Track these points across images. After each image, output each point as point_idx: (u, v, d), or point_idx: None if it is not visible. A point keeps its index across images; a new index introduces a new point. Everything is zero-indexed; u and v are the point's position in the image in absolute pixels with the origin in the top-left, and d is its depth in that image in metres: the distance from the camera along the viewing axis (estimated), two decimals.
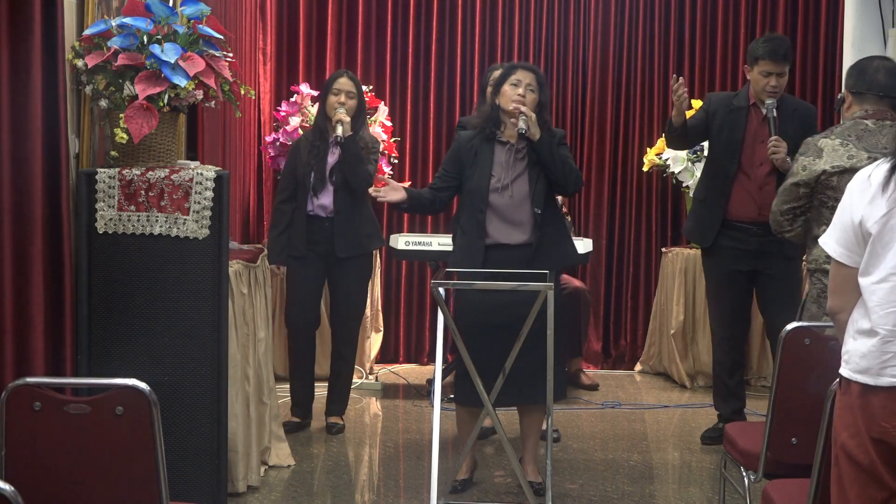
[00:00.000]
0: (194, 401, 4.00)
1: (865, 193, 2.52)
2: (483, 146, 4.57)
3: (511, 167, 4.53)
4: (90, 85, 3.96)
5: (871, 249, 2.51)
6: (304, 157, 5.42)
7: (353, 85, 5.45)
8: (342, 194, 5.37)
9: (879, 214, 2.48)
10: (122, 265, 3.95)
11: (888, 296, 2.48)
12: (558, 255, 4.58)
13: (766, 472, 3.46)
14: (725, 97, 5.39)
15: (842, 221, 2.58)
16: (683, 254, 6.74)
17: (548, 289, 4.08)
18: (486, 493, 4.65)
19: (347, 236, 5.39)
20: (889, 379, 2.46)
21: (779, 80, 5.09)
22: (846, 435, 2.53)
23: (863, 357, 2.51)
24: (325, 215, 5.40)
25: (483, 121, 4.62)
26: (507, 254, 4.49)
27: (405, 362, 7.28)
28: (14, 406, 2.70)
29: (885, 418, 2.46)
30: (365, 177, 5.35)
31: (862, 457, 2.49)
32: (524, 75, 4.54)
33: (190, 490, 3.90)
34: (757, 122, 5.17)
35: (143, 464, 2.71)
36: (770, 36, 5.34)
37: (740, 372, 5.41)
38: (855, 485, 2.51)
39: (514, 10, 7.27)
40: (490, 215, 4.51)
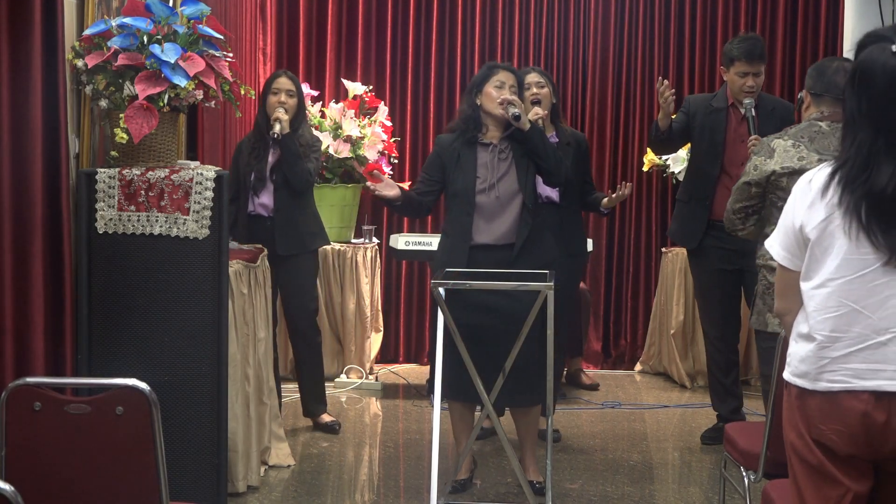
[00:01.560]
0: (194, 401, 4.00)
1: (805, 198, 2.51)
2: (465, 149, 4.56)
3: (495, 167, 4.53)
4: (90, 85, 3.96)
5: (810, 254, 2.50)
6: (246, 157, 5.40)
7: (292, 84, 5.43)
8: (282, 193, 5.35)
9: (818, 220, 2.47)
10: (122, 265, 3.95)
11: (825, 301, 2.47)
12: (538, 253, 4.54)
13: (766, 472, 3.45)
14: (703, 98, 5.42)
15: (784, 225, 2.58)
16: (683, 254, 6.73)
17: (548, 289, 4.08)
18: (486, 493, 4.65)
19: (288, 235, 5.36)
20: (826, 384, 2.47)
21: (755, 79, 5.12)
22: (793, 435, 2.54)
23: (801, 361, 2.52)
24: (266, 214, 5.37)
25: (463, 123, 4.61)
26: (489, 255, 4.48)
27: (405, 362, 7.28)
28: (14, 406, 2.70)
29: (821, 420, 2.47)
30: (304, 174, 5.32)
31: (810, 456, 2.51)
32: (507, 76, 4.55)
33: (190, 490, 3.90)
34: (736, 121, 5.20)
35: (143, 464, 2.71)
36: (745, 36, 5.34)
37: (736, 371, 5.42)
38: (809, 484, 2.52)
39: (514, 10, 7.27)
40: (476, 217, 4.50)
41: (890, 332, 2.43)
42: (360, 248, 6.63)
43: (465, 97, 4.69)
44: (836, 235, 2.45)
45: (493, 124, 4.56)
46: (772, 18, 7.23)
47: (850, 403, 2.44)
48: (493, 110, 4.51)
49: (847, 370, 2.45)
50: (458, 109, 4.79)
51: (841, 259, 2.45)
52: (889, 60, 2.41)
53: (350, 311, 6.60)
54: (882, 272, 2.42)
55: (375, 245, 6.82)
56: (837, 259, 2.45)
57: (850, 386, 2.44)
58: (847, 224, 2.43)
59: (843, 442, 2.45)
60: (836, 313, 2.46)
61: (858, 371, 2.44)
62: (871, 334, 2.44)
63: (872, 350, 2.43)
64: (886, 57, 2.42)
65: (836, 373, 2.46)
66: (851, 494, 2.47)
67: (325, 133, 6.47)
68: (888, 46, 2.43)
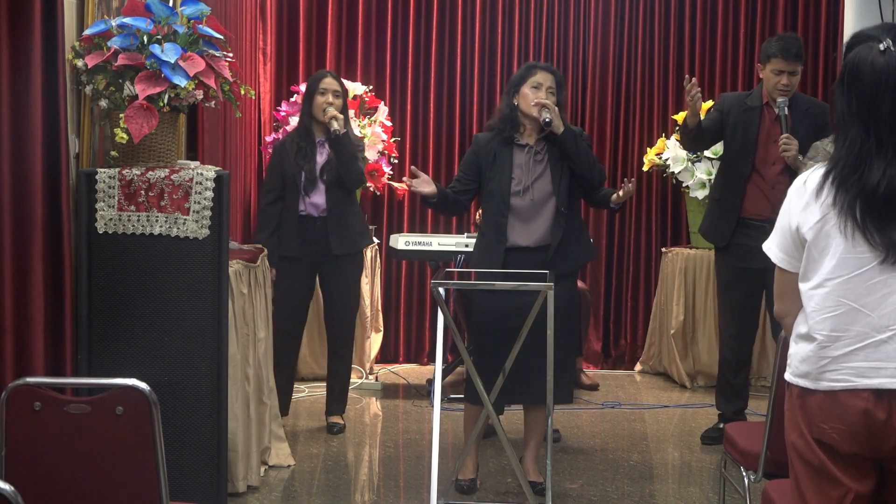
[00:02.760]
0: (194, 401, 4.00)
1: (801, 199, 2.52)
2: (501, 149, 4.57)
3: (531, 169, 4.53)
4: (90, 85, 3.96)
5: (807, 255, 2.51)
6: (292, 157, 5.40)
7: (338, 84, 5.45)
8: (334, 192, 5.37)
9: (814, 220, 2.48)
10: (122, 265, 3.94)
11: (824, 301, 2.48)
12: (574, 255, 4.59)
13: (766, 472, 3.46)
14: (738, 97, 5.40)
15: (781, 227, 2.59)
16: (683, 254, 6.74)
17: (547, 289, 4.08)
18: (487, 493, 4.64)
19: (341, 234, 5.38)
20: (827, 384, 2.47)
21: (790, 78, 5.10)
22: (795, 435, 2.55)
23: (802, 361, 2.52)
24: (317, 214, 5.39)
25: (501, 123, 4.61)
26: (525, 257, 4.50)
27: (405, 362, 7.28)
28: (14, 406, 2.70)
29: (822, 419, 2.47)
30: (359, 174, 5.39)
31: (811, 457, 2.51)
32: (545, 77, 4.55)
33: (190, 490, 3.90)
34: (770, 121, 5.18)
35: (143, 464, 2.71)
36: (783, 35, 5.35)
37: (746, 371, 5.40)
38: (810, 484, 2.53)
39: (514, 10, 7.27)
40: (511, 218, 4.52)
41: (890, 330, 2.43)
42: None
43: (504, 96, 4.69)
44: (832, 235, 2.46)
45: (531, 125, 4.56)
46: (772, 18, 7.23)
47: (851, 401, 2.44)
48: (529, 111, 4.51)
49: (848, 369, 2.45)
50: (496, 108, 4.79)
51: (838, 258, 2.46)
52: (876, 59, 2.42)
53: None
54: (879, 270, 2.43)
55: (375, 245, 6.82)
56: (834, 259, 2.46)
57: (852, 385, 2.44)
58: (842, 224, 2.44)
59: (845, 440, 2.45)
60: (836, 312, 2.46)
61: (859, 369, 2.44)
62: (871, 332, 2.44)
63: (873, 348, 2.44)
64: (874, 56, 2.43)
65: (837, 372, 2.46)
66: (853, 494, 2.47)
67: None
68: (875, 45, 2.44)
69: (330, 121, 5.27)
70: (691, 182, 6.57)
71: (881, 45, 2.43)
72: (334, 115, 5.27)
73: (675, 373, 6.78)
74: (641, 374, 7.14)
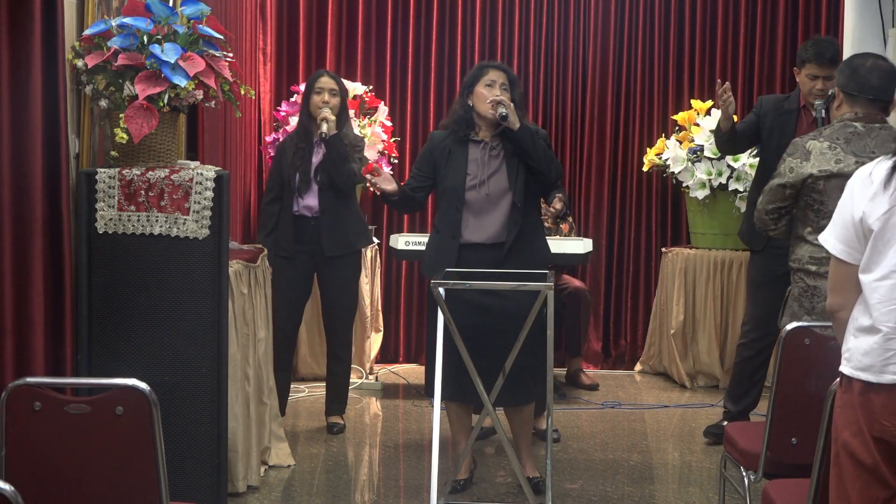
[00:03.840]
0: (194, 401, 4.00)
1: (867, 190, 2.52)
2: (456, 147, 4.56)
3: (486, 164, 4.52)
4: (90, 85, 3.96)
5: (872, 246, 2.51)
6: (290, 157, 5.40)
7: (335, 83, 5.44)
8: (327, 194, 5.36)
9: (881, 211, 2.49)
10: (122, 265, 3.94)
11: (890, 293, 2.48)
12: (528, 253, 4.52)
13: (766, 472, 3.46)
14: (776, 100, 5.40)
15: (842, 218, 2.58)
16: (683, 254, 6.74)
17: (548, 289, 4.08)
18: (486, 493, 4.65)
19: (334, 235, 5.37)
20: (891, 376, 2.46)
21: (826, 83, 5.08)
22: (848, 433, 2.52)
23: (865, 354, 2.51)
24: (310, 215, 5.38)
25: (455, 123, 4.60)
26: (479, 253, 4.48)
27: (405, 362, 7.28)
28: (14, 406, 2.70)
29: (885, 417, 2.46)
30: (350, 175, 5.35)
31: (865, 455, 2.49)
32: (497, 75, 4.54)
33: (190, 490, 3.90)
34: (807, 124, 5.16)
35: (143, 464, 2.71)
36: (817, 39, 5.34)
37: (763, 371, 5.40)
38: (857, 484, 2.50)
39: (514, 10, 7.27)
40: (466, 214, 4.50)
41: None
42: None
43: (458, 98, 4.70)
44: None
45: (485, 124, 4.55)
46: (772, 19, 7.22)
47: None
48: (485, 111, 4.51)
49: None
50: (450, 109, 4.79)
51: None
52: None
53: None
54: None
55: (375, 245, 6.82)
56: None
57: None
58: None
59: None
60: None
61: None
62: None
63: None
64: None
65: None
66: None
67: None
68: None
69: (321, 122, 5.26)
70: (691, 182, 6.57)
71: None
72: (325, 117, 5.25)
73: (675, 373, 6.78)
74: (641, 374, 7.14)
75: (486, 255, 4.47)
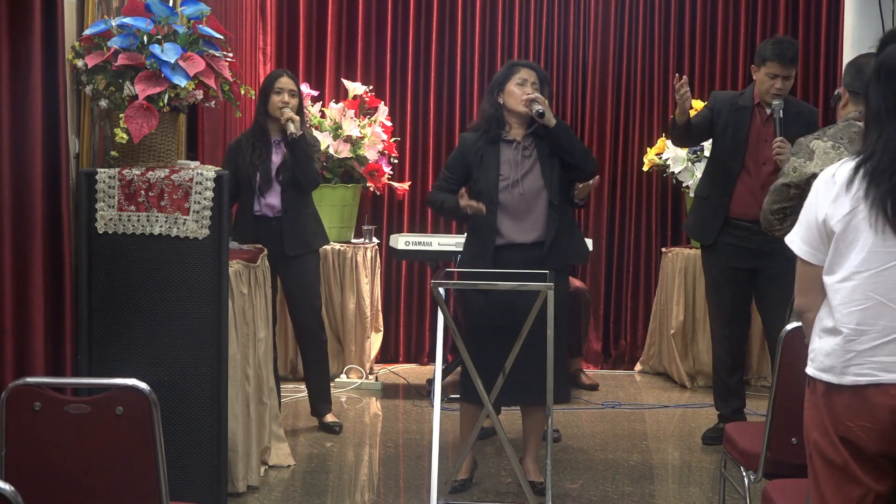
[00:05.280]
0: (194, 401, 4.00)
1: (830, 192, 2.53)
2: (488, 148, 4.55)
3: (519, 164, 4.52)
4: (90, 85, 3.96)
5: (834, 248, 2.51)
6: (247, 157, 5.34)
7: (294, 84, 5.40)
8: (289, 193, 5.32)
9: (843, 213, 2.49)
10: (122, 265, 3.95)
11: (851, 294, 2.48)
12: (568, 251, 4.58)
13: (766, 472, 3.45)
14: (730, 96, 5.41)
15: (807, 219, 2.59)
16: (683, 254, 6.74)
17: (547, 289, 4.08)
18: (486, 493, 4.64)
19: (296, 235, 5.35)
20: (852, 378, 2.47)
21: (784, 83, 5.11)
22: (817, 434, 2.53)
23: (827, 356, 2.51)
24: (272, 215, 5.34)
25: (486, 122, 4.60)
26: (518, 253, 4.48)
27: (405, 362, 7.28)
28: (14, 406, 2.70)
29: (849, 417, 2.47)
30: (315, 175, 5.34)
31: (834, 455, 2.50)
32: (528, 74, 4.55)
33: (190, 490, 3.90)
34: (761, 121, 5.19)
35: (143, 464, 2.71)
36: (779, 38, 5.35)
37: (741, 371, 5.42)
38: (831, 483, 2.51)
39: (514, 10, 7.27)
40: (501, 215, 4.50)
41: None
42: (360, 248, 6.63)
43: (487, 96, 4.67)
44: (861, 228, 2.46)
45: (517, 122, 4.55)
46: (772, 19, 7.22)
47: (879, 399, 2.43)
48: (517, 107, 4.51)
49: (874, 363, 2.45)
50: (479, 109, 4.77)
51: (867, 252, 2.46)
52: None
53: (350, 311, 6.60)
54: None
55: (375, 245, 6.82)
56: (863, 252, 2.46)
57: (878, 379, 2.44)
58: (873, 217, 2.44)
59: (872, 439, 2.44)
60: (863, 306, 2.47)
61: (885, 364, 2.44)
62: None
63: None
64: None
65: (862, 366, 2.46)
66: (873, 495, 2.47)
67: (326, 133, 6.47)
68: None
69: (286, 122, 5.21)
70: (691, 182, 6.57)
71: None
72: (290, 118, 5.21)
73: (675, 373, 6.78)
74: (641, 374, 7.14)
75: (525, 255, 4.47)
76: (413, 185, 7.20)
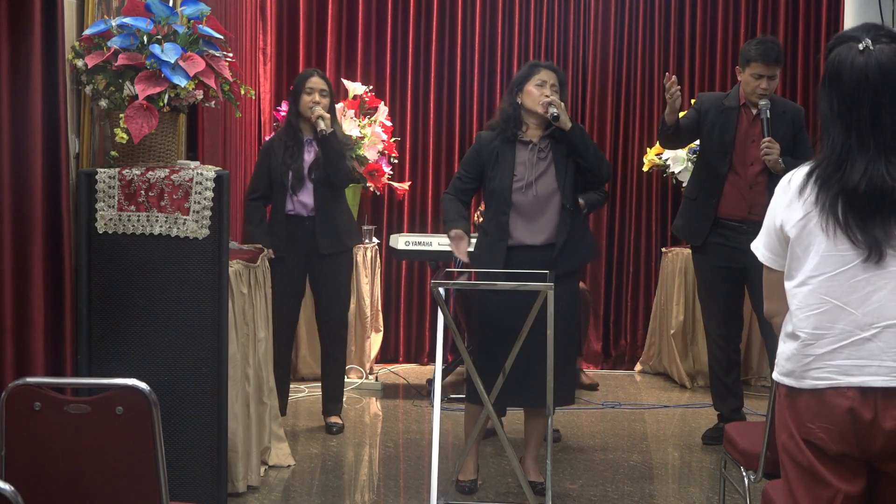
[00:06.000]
0: (194, 401, 4.00)
1: (785, 197, 2.53)
2: (504, 147, 4.54)
3: (534, 166, 4.51)
4: (90, 85, 3.96)
5: (791, 253, 2.52)
6: (280, 157, 5.40)
7: (325, 84, 5.45)
8: (322, 191, 5.36)
9: (797, 218, 2.49)
10: (122, 265, 3.94)
11: (807, 299, 2.48)
12: (580, 253, 4.59)
13: (766, 472, 3.45)
14: (716, 97, 5.43)
15: (767, 226, 2.60)
16: (683, 254, 6.74)
17: (548, 289, 4.07)
18: (486, 493, 4.64)
19: (329, 233, 5.38)
20: (811, 381, 2.47)
21: (769, 82, 5.14)
22: (785, 436, 2.55)
23: (787, 360, 2.52)
24: (305, 213, 5.39)
25: (504, 122, 4.60)
26: (529, 255, 4.48)
27: (405, 362, 7.28)
28: (14, 406, 2.70)
29: (809, 419, 2.47)
30: (347, 172, 5.39)
31: (800, 457, 2.50)
32: (548, 75, 4.55)
33: (190, 490, 3.90)
34: (747, 122, 5.21)
35: (143, 464, 2.71)
36: (762, 38, 5.37)
37: (737, 370, 5.42)
38: (800, 485, 2.52)
39: (514, 9, 7.27)
40: (514, 216, 4.49)
41: (874, 328, 2.42)
42: (360, 248, 6.63)
43: (506, 95, 4.68)
44: (814, 233, 2.47)
45: (534, 123, 4.55)
46: (772, 19, 7.23)
47: (837, 401, 2.43)
48: (535, 108, 4.50)
49: (832, 367, 2.45)
50: (498, 108, 4.78)
51: (821, 256, 2.46)
52: (856, 59, 2.44)
53: (350, 311, 6.59)
54: (862, 268, 2.43)
55: (375, 245, 6.82)
56: (817, 257, 2.47)
57: (836, 383, 2.44)
58: (825, 222, 2.45)
59: (832, 440, 2.45)
60: (819, 310, 2.47)
61: (843, 367, 2.44)
62: (855, 330, 2.44)
63: (857, 346, 2.44)
64: (853, 55, 2.45)
65: (821, 370, 2.46)
66: (842, 495, 2.46)
67: None
68: (854, 45, 2.46)
69: (317, 120, 5.27)
70: None
71: (860, 45, 2.45)
72: (321, 115, 5.27)
73: (675, 373, 6.78)
74: (641, 374, 7.14)
75: (536, 257, 4.47)
76: (413, 185, 7.20)
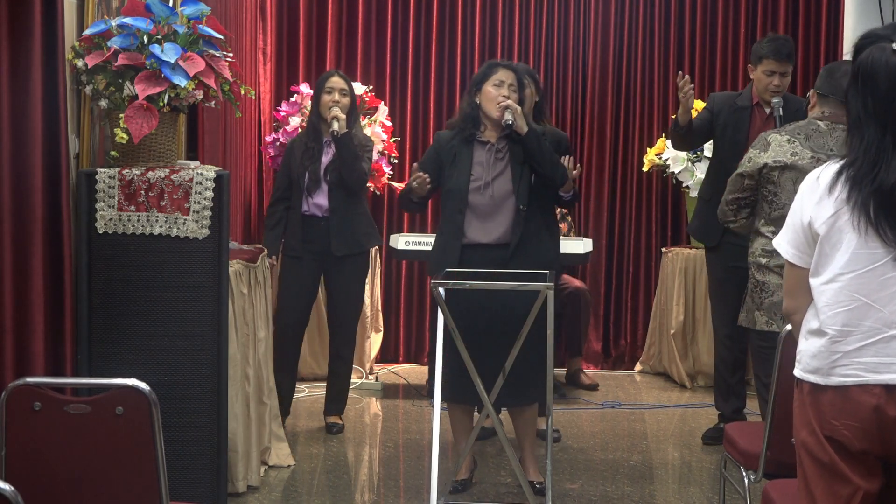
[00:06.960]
0: (194, 401, 4.00)
1: (814, 194, 2.55)
2: (462, 147, 4.55)
3: (491, 166, 4.51)
4: (90, 85, 3.96)
5: (819, 250, 2.54)
6: (299, 157, 5.42)
7: (345, 83, 5.45)
8: (337, 193, 5.37)
9: (827, 215, 2.51)
10: (122, 265, 3.94)
11: (836, 296, 2.50)
12: (535, 254, 4.51)
13: (766, 472, 3.46)
14: (729, 97, 5.42)
15: (793, 223, 2.61)
16: (683, 254, 6.74)
17: (548, 289, 4.07)
18: (486, 493, 4.65)
19: (343, 235, 5.38)
20: (838, 379, 2.49)
21: (782, 79, 5.13)
22: (805, 433, 2.55)
23: (813, 357, 2.53)
24: (320, 214, 5.39)
25: (462, 122, 4.60)
26: (483, 254, 4.47)
27: (405, 362, 7.28)
28: (14, 406, 2.70)
29: (833, 416, 2.49)
30: (361, 174, 5.37)
31: (822, 454, 2.51)
32: (506, 75, 4.53)
33: (190, 490, 3.90)
34: (760, 121, 5.20)
35: (143, 464, 2.71)
36: (774, 36, 5.37)
37: (742, 371, 5.42)
38: (820, 482, 2.53)
39: (514, 9, 7.27)
40: (469, 215, 4.49)
41: None
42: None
43: (466, 95, 4.69)
44: (844, 231, 2.49)
45: (492, 123, 4.55)
46: (772, 19, 7.23)
47: (863, 398, 2.45)
48: (491, 111, 4.50)
49: (859, 364, 2.47)
50: (458, 107, 4.79)
51: (851, 254, 2.48)
52: (890, 59, 2.47)
53: None
54: (892, 266, 2.46)
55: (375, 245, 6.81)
56: (847, 254, 2.48)
57: (863, 380, 2.46)
58: (856, 220, 2.47)
59: (856, 437, 2.46)
60: (848, 307, 2.48)
61: (870, 365, 2.46)
62: (883, 328, 2.46)
63: (884, 343, 2.46)
64: (888, 56, 2.48)
65: (848, 367, 2.48)
66: (862, 493, 2.48)
67: None
68: (888, 46, 2.49)
69: (332, 120, 5.27)
70: (691, 182, 6.57)
71: (894, 45, 2.48)
72: (336, 115, 5.27)
73: (675, 373, 6.78)
74: (641, 374, 7.14)
75: (490, 256, 4.46)
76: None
